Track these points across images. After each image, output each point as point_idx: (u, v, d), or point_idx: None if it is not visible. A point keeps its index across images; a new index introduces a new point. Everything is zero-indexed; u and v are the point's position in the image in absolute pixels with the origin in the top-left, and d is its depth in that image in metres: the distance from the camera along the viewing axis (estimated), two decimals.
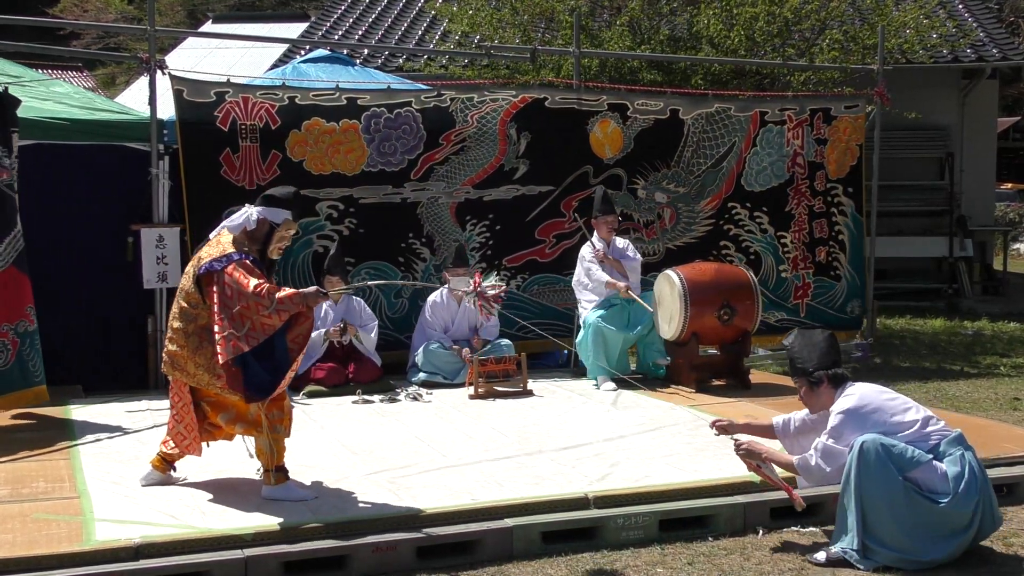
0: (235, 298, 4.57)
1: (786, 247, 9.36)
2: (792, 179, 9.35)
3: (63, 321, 7.40)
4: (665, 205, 9.08)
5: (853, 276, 9.57)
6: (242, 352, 4.52)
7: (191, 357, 4.77)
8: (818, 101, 9.57)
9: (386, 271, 8.31)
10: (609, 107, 8.90)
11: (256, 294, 4.55)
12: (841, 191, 9.52)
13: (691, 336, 7.50)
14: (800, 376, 4.56)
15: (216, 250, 4.73)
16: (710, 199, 9.18)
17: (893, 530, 4.18)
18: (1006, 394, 8.07)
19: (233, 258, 4.66)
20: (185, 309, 4.81)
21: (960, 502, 4.19)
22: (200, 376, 4.77)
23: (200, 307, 4.76)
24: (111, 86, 27.87)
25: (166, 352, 4.90)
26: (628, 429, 6.20)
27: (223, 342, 4.53)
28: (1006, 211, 21.65)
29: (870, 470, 4.18)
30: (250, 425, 4.89)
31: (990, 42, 13.97)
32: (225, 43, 17.78)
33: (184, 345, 4.78)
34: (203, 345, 4.73)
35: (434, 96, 8.45)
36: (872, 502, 4.20)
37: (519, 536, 4.45)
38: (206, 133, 7.75)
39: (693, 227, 9.17)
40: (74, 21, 25.93)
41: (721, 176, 9.19)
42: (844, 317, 9.52)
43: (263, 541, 4.21)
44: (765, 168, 9.29)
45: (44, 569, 3.93)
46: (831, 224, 9.51)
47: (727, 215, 9.23)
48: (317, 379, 7.47)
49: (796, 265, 9.40)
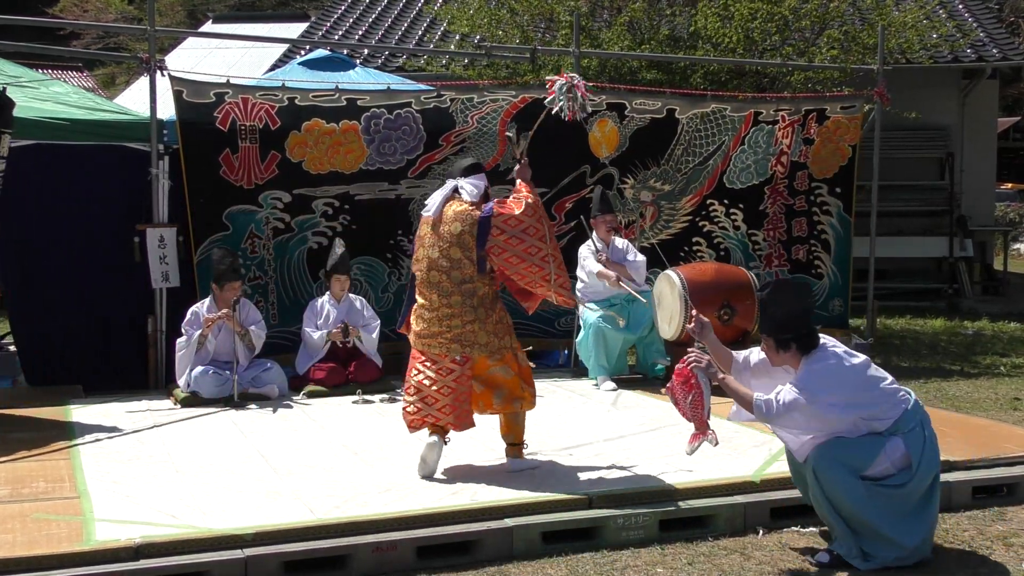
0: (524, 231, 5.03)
1: (758, 245, 9.38)
2: (771, 178, 9.36)
3: (63, 321, 7.41)
4: (649, 203, 9.09)
5: (837, 275, 9.59)
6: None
7: (483, 328, 5.06)
8: (815, 102, 9.57)
9: (375, 267, 8.34)
10: (608, 106, 8.90)
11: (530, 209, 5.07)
12: (826, 191, 9.52)
13: (691, 336, 7.48)
14: (769, 335, 4.32)
15: (467, 215, 5.06)
16: (691, 196, 9.19)
17: (874, 529, 4.17)
18: (1006, 394, 8.07)
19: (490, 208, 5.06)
20: (459, 288, 5.04)
21: (919, 476, 4.20)
22: (492, 343, 5.07)
23: (476, 279, 5.03)
24: (111, 86, 27.87)
25: (452, 334, 5.04)
26: (628, 429, 6.20)
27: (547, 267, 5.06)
28: (1006, 211, 21.66)
29: (832, 485, 4.17)
30: (508, 402, 5.20)
31: (990, 42, 13.96)
32: (225, 43, 17.78)
33: (474, 319, 5.04)
34: (489, 314, 5.08)
35: (434, 97, 8.45)
36: (847, 511, 4.19)
37: (519, 536, 4.45)
38: (206, 133, 7.76)
39: (671, 224, 9.18)
40: (74, 21, 25.91)
41: (706, 174, 9.20)
42: (826, 315, 9.56)
43: (263, 541, 4.20)
44: (749, 166, 9.29)
45: (44, 569, 3.93)
46: (812, 223, 9.52)
47: (704, 212, 9.25)
48: (317, 379, 7.47)
49: (770, 262, 9.42)
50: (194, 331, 7.19)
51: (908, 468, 4.18)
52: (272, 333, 7.68)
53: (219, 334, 7.24)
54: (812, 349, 4.23)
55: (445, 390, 5.06)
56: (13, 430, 6.18)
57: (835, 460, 4.17)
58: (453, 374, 5.06)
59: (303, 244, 8.15)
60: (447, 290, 5.05)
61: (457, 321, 5.03)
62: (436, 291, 5.08)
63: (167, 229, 7.60)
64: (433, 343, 5.09)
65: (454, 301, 5.05)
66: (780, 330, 4.25)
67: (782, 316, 4.26)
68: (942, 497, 5.00)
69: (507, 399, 5.20)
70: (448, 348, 5.06)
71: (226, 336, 7.21)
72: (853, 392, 4.18)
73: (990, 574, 4.20)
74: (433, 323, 5.08)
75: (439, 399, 5.06)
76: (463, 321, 5.04)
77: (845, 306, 9.65)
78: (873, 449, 4.18)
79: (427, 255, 5.14)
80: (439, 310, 5.07)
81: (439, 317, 5.06)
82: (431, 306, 5.09)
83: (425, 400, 5.09)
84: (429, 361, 5.11)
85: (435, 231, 5.12)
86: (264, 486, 4.96)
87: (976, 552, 4.42)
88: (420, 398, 5.10)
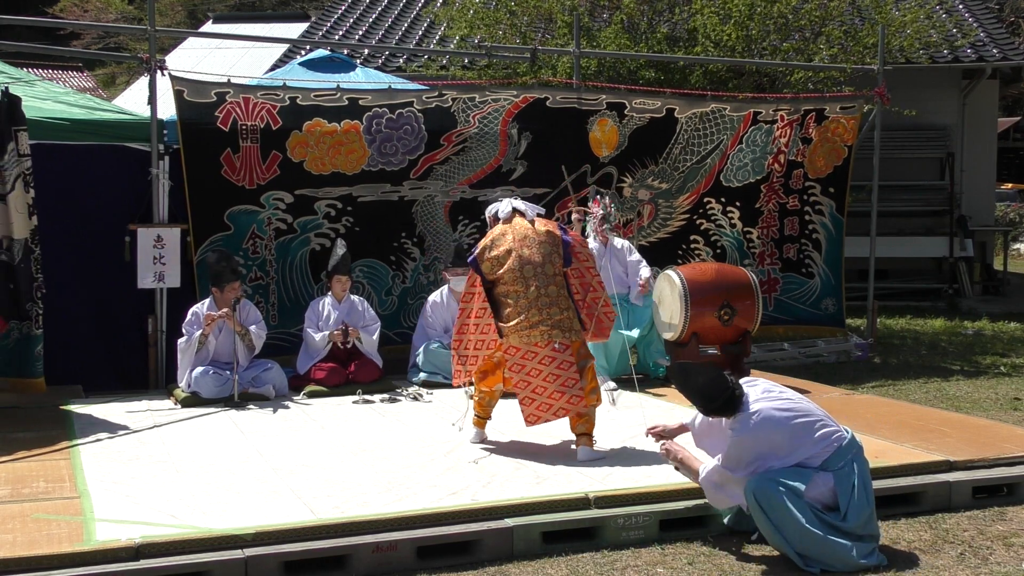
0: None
1: (752, 242, 9.39)
2: (768, 176, 9.36)
3: (63, 321, 7.40)
4: (647, 202, 9.10)
5: (828, 275, 9.61)
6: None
7: (575, 316, 5.46)
8: (815, 102, 9.58)
9: (378, 269, 8.34)
10: (608, 106, 8.91)
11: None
12: (820, 190, 9.53)
13: (691, 336, 7.49)
14: (695, 406, 4.47)
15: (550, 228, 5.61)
16: (689, 194, 9.21)
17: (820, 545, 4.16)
18: (1006, 394, 8.07)
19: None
20: (553, 279, 5.44)
21: (851, 515, 4.20)
22: (580, 332, 5.46)
23: (560, 273, 5.49)
24: (111, 86, 27.88)
25: (552, 321, 5.35)
26: (628, 429, 6.19)
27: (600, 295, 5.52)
28: (1006, 211, 21.65)
29: (776, 511, 4.18)
30: (589, 394, 5.46)
31: (990, 42, 13.96)
32: (225, 43, 17.78)
33: (568, 307, 5.44)
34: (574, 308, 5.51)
35: (436, 96, 8.45)
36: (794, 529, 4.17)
37: (519, 536, 4.45)
38: (207, 133, 7.76)
39: (669, 222, 9.19)
40: (74, 21, 25.92)
41: (703, 172, 9.21)
42: (819, 313, 9.57)
43: (263, 541, 4.20)
44: (746, 164, 9.31)
45: (44, 569, 3.93)
46: (804, 223, 9.53)
47: (701, 210, 9.26)
48: (318, 379, 7.46)
49: (762, 260, 9.43)
50: (194, 331, 7.19)
51: (837, 510, 4.21)
52: (271, 334, 7.68)
53: (219, 334, 7.24)
54: (736, 412, 4.28)
55: (551, 378, 5.32)
56: (13, 430, 6.18)
57: (773, 482, 4.20)
58: (555, 362, 5.33)
59: (305, 245, 8.15)
60: (544, 281, 5.41)
61: (556, 309, 5.38)
62: (534, 281, 5.40)
63: (167, 229, 7.60)
64: (534, 332, 5.36)
65: (551, 291, 5.41)
66: (702, 403, 4.35)
67: (699, 390, 4.32)
68: (943, 497, 5.04)
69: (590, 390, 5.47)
70: (550, 334, 5.33)
71: (226, 336, 7.22)
72: (780, 447, 4.24)
73: (990, 574, 4.20)
74: (532, 312, 5.36)
75: (547, 387, 5.35)
76: (560, 308, 5.39)
77: (839, 305, 9.66)
78: (804, 474, 4.23)
79: (517, 253, 5.47)
80: (539, 299, 5.35)
81: (539, 306, 5.36)
82: (528, 295, 5.37)
83: (536, 392, 5.40)
84: (530, 354, 5.37)
85: (520, 232, 5.55)
86: (264, 486, 4.96)
87: (976, 552, 4.42)
88: (531, 391, 5.41)
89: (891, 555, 4.35)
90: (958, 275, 13.95)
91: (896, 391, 8.09)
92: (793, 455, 4.25)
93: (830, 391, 7.47)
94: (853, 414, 6.46)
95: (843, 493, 4.22)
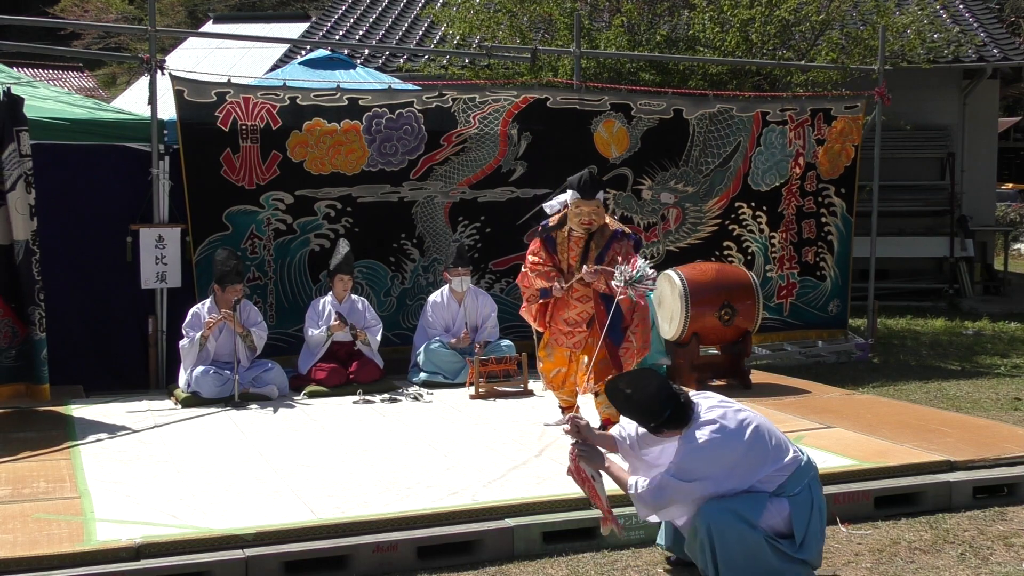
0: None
1: (774, 247, 9.39)
2: (788, 179, 9.37)
3: (63, 321, 7.40)
4: (672, 206, 9.07)
5: (837, 275, 9.61)
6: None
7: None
8: (817, 101, 9.58)
9: (377, 270, 8.34)
10: (612, 107, 8.89)
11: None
12: (833, 192, 9.52)
13: (692, 336, 7.50)
14: (641, 425, 4.06)
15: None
16: (718, 198, 9.18)
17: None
18: (1006, 394, 8.06)
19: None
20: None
21: (808, 545, 3.94)
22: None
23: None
24: (111, 86, 27.87)
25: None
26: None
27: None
28: (1007, 211, 21.64)
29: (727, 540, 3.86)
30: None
31: (991, 42, 13.96)
32: (226, 43, 17.77)
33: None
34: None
35: (436, 96, 8.44)
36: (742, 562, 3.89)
37: (520, 536, 4.45)
38: (207, 133, 7.75)
39: (699, 227, 9.17)
40: (75, 21, 25.91)
41: (729, 175, 9.19)
42: (825, 316, 9.57)
43: (264, 541, 4.20)
44: (771, 168, 9.30)
45: (45, 569, 3.93)
46: (820, 225, 9.53)
47: (733, 215, 9.24)
48: (318, 379, 7.46)
49: (782, 265, 9.42)
50: (195, 332, 7.19)
51: (792, 538, 3.91)
52: (269, 334, 7.66)
53: (220, 335, 7.24)
54: (686, 424, 3.93)
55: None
56: (14, 430, 6.18)
57: (727, 510, 3.88)
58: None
59: (305, 246, 8.14)
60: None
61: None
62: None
63: (168, 229, 7.60)
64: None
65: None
66: (647, 419, 3.95)
67: (642, 405, 3.92)
68: (943, 497, 5.04)
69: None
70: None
71: (227, 337, 7.21)
72: (731, 465, 3.89)
73: (991, 574, 4.20)
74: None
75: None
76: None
77: (843, 306, 9.66)
78: (759, 501, 3.91)
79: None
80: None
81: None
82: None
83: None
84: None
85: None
86: (265, 486, 4.96)
87: (977, 552, 4.42)
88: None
89: (891, 555, 4.36)
90: (959, 275, 13.94)
91: (896, 391, 8.09)
92: (749, 474, 3.91)
93: (830, 391, 7.47)
94: (853, 414, 6.46)
95: (799, 521, 3.91)
